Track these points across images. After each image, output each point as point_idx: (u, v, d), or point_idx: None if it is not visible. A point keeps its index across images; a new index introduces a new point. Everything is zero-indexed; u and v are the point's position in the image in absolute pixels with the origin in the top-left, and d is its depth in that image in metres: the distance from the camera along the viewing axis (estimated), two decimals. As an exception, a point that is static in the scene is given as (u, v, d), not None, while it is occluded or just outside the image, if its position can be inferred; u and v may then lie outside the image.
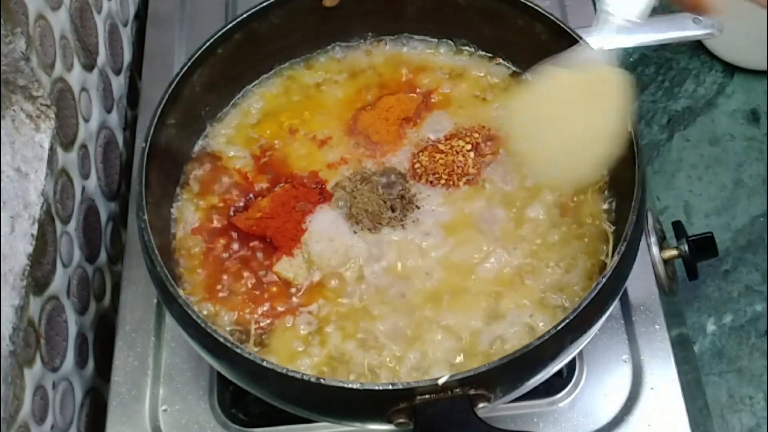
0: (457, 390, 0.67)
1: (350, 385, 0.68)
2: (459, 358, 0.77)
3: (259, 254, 0.83)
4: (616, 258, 0.72)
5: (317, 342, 0.79)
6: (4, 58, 0.78)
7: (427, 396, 0.67)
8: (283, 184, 0.87)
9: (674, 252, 0.92)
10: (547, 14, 0.86)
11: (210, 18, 1.12)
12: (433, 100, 0.93)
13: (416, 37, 0.97)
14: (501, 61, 0.94)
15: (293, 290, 0.81)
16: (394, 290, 0.80)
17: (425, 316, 0.79)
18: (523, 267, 0.81)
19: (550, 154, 0.74)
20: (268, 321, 0.80)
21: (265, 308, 0.80)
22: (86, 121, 0.94)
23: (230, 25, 0.88)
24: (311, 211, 0.85)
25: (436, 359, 0.77)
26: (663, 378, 0.85)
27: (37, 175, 0.81)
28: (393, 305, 0.79)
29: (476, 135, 0.89)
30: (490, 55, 0.95)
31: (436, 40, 0.96)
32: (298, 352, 0.78)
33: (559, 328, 0.68)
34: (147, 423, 0.85)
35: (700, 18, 0.92)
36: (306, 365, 0.77)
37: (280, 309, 0.80)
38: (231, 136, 0.91)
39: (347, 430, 0.82)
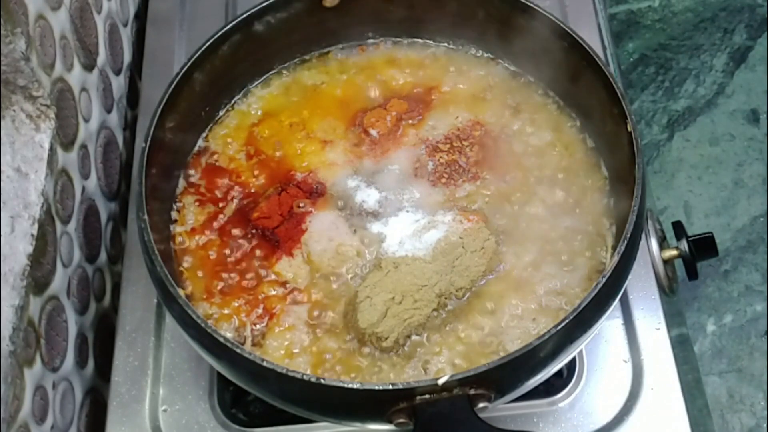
0: (457, 390, 0.67)
1: (350, 385, 0.68)
2: (459, 359, 0.77)
3: (259, 254, 0.83)
4: (616, 258, 0.72)
5: (315, 342, 0.79)
6: (4, 58, 0.78)
7: (427, 396, 0.67)
8: (283, 183, 0.87)
9: (674, 252, 0.92)
10: (547, 14, 0.86)
11: (210, 18, 1.12)
12: (433, 100, 0.93)
13: (416, 37, 0.97)
14: (501, 61, 0.94)
15: (292, 290, 0.81)
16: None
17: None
18: (524, 266, 0.81)
19: None
20: (266, 321, 0.80)
21: (263, 308, 0.80)
22: (86, 121, 0.94)
23: (230, 25, 0.88)
24: (311, 211, 0.85)
25: (436, 360, 0.77)
26: (663, 378, 0.85)
27: (37, 175, 0.80)
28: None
29: (476, 134, 0.89)
30: (491, 55, 0.95)
31: (436, 40, 0.96)
32: (295, 353, 0.78)
33: (559, 328, 0.68)
34: (147, 423, 0.85)
35: None
36: (303, 365, 0.77)
37: (278, 309, 0.80)
38: (231, 136, 0.91)
39: (347, 430, 0.82)
